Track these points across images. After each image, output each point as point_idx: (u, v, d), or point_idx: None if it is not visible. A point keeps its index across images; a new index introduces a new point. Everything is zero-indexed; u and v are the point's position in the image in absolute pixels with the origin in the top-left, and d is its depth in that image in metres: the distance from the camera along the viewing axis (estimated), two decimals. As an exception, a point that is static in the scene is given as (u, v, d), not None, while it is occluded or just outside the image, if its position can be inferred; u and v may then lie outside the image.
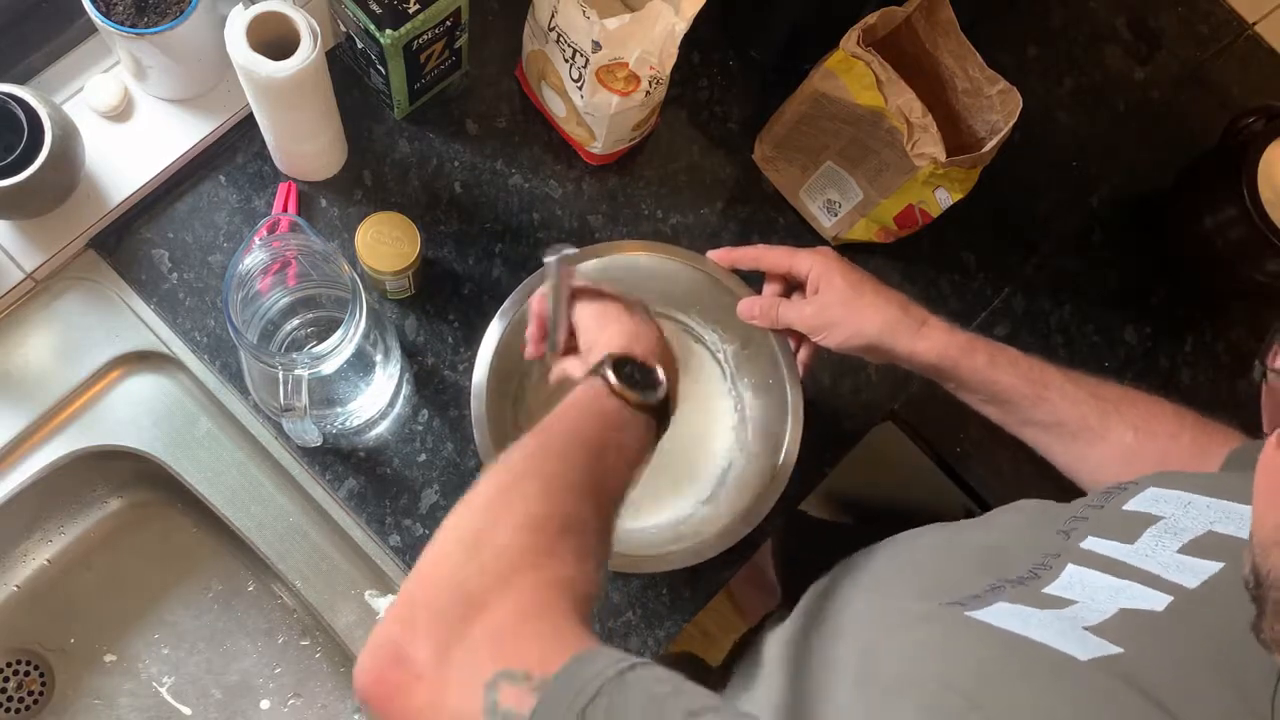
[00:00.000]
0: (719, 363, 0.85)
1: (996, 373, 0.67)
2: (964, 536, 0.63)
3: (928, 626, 0.51)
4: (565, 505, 0.48)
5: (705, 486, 0.83)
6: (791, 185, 0.93)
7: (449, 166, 0.90)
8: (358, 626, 0.83)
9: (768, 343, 0.77)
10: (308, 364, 0.66)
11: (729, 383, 0.84)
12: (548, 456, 0.51)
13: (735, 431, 0.84)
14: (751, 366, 0.81)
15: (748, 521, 0.74)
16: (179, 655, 0.92)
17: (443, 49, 0.83)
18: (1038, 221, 1.00)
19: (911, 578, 0.61)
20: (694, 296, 0.81)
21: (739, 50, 0.97)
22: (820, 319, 0.70)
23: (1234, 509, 0.49)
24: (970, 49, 0.81)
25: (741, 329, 0.79)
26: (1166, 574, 0.47)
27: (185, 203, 0.85)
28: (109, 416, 0.83)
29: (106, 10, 0.73)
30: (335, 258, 0.68)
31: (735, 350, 0.82)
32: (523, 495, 0.48)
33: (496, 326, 0.75)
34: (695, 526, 0.78)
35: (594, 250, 0.77)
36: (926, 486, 0.99)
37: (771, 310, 0.74)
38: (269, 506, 0.83)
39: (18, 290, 0.81)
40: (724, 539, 0.73)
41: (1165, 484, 0.53)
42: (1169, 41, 1.08)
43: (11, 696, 0.89)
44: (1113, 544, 0.50)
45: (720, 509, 0.78)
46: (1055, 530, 0.54)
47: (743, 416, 0.83)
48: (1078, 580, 0.49)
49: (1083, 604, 0.47)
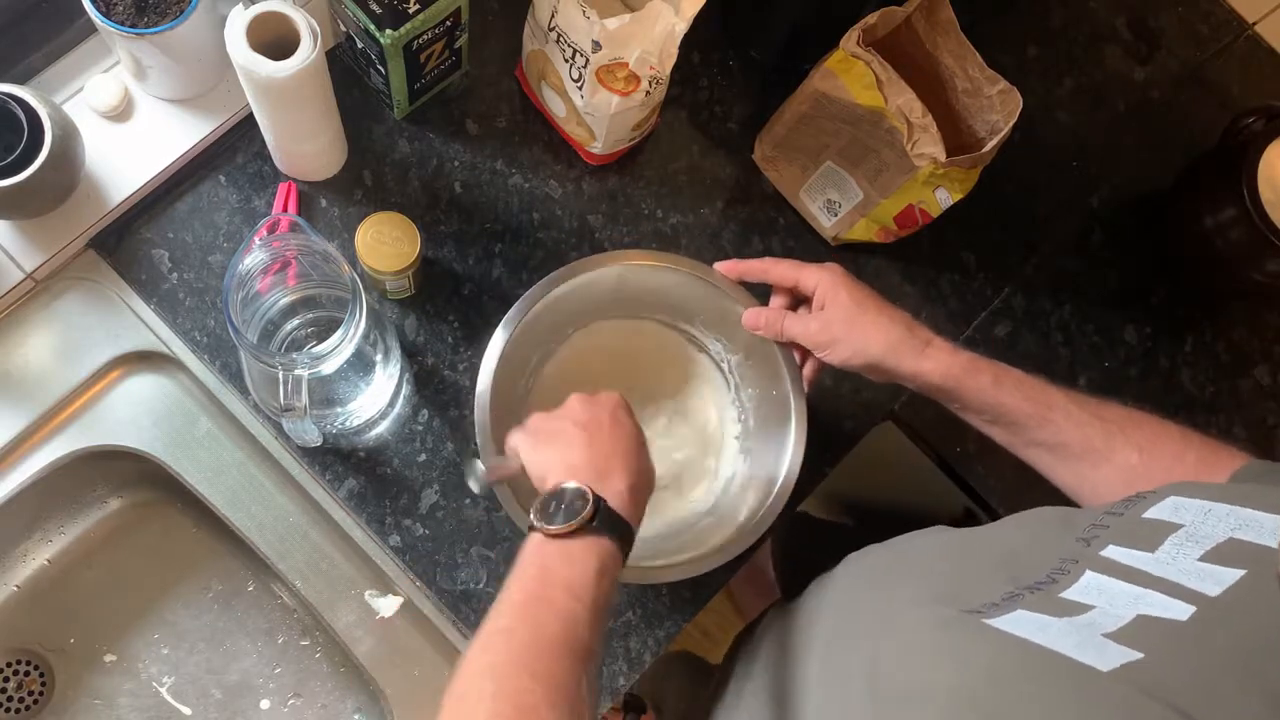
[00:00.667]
0: (723, 373, 0.84)
1: (1001, 393, 0.67)
2: (978, 539, 0.62)
3: (944, 634, 0.50)
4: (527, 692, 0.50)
5: (708, 497, 0.83)
6: (791, 185, 0.93)
7: (449, 166, 0.90)
8: (358, 626, 0.83)
9: (772, 354, 0.77)
10: (308, 364, 0.66)
11: (733, 393, 0.84)
12: (503, 648, 0.53)
13: (739, 441, 0.83)
14: (755, 377, 0.81)
15: (751, 533, 0.73)
16: (179, 655, 0.92)
17: (443, 49, 0.83)
18: (1038, 221, 1.00)
19: (922, 580, 0.60)
20: (698, 306, 0.81)
21: (739, 50, 0.97)
22: (824, 335, 0.70)
23: (1255, 516, 0.48)
24: (970, 49, 0.81)
25: (745, 339, 0.79)
26: (1188, 582, 0.46)
27: (185, 203, 0.85)
28: (109, 416, 0.83)
29: (106, 10, 0.73)
30: (335, 258, 0.68)
31: (739, 361, 0.82)
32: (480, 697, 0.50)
33: (500, 336, 0.75)
34: (697, 536, 0.78)
35: (599, 260, 0.77)
36: (926, 486, 0.99)
37: (776, 323, 0.74)
38: (269, 506, 0.83)
39: (18, 290, 0.81)
40: (724, 552, 0.73)
41: (1185, 493, 0.52)
42: (1169, 41, 1.08)
43: (11, 696, 0.89)
44: (1134, 552, 0.50)
45: (722, 520, 0.78)
46: (1075, 538, 0.54)
47: (746, 427, 0.83)
48: (1095, 586, 0.49)
49: (1100, 609, 0.47)
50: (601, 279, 0.77)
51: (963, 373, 0.67)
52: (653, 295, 0.81)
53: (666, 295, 0.81)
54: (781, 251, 0.93)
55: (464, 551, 0.82)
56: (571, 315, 0.82)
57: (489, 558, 0.83)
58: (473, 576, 0.82)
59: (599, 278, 0.77)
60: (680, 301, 0.81)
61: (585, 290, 0.78)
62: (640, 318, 0.85)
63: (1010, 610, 0.49)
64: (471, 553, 0.82)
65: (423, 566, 0.82)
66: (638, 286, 0.80)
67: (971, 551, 0.61)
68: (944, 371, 0.68)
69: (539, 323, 0.77)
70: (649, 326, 0.85)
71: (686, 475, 0.84)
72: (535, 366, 0.83)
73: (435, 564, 0.82)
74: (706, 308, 0.81)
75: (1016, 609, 0.49)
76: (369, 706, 0.91)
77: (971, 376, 0.67)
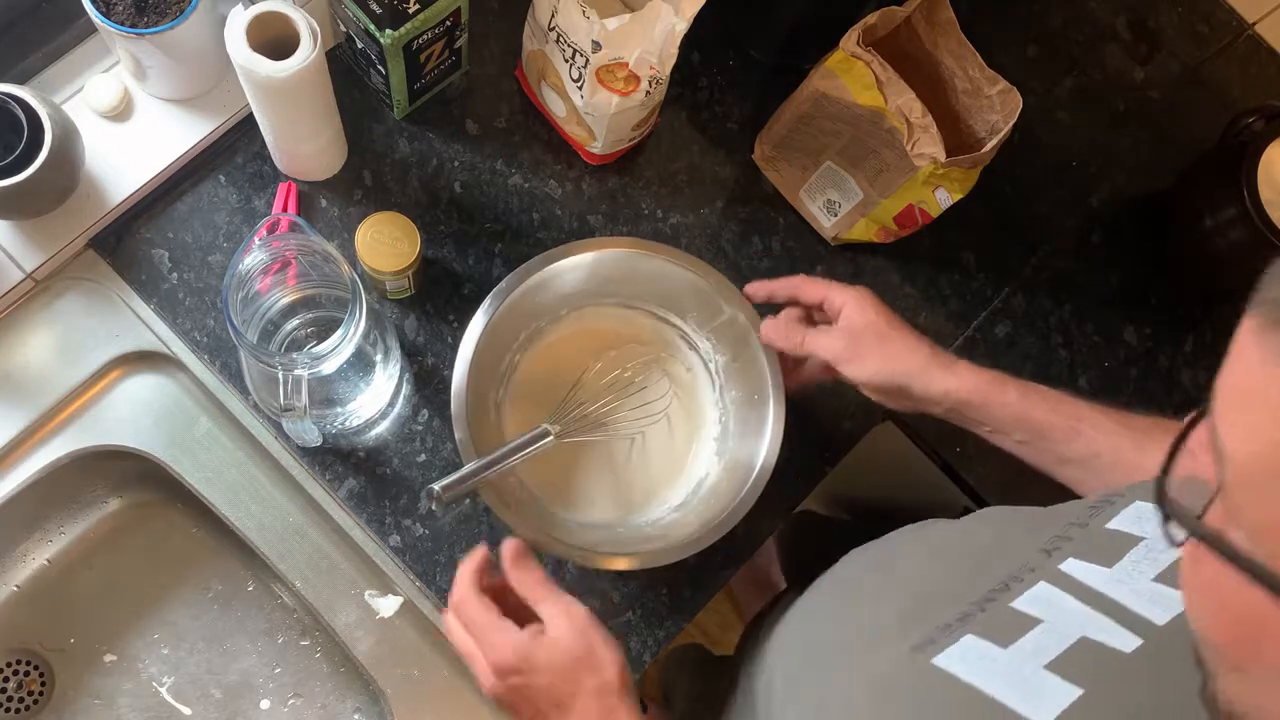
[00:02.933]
0: (710, 373, 0.85)
1: (1028, 406, 0.67)
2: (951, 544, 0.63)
3: (888, 689, 0.51)
4: None
5: (680, 493, 0.83)
6: (791, 185, 0.93)
7: (449, 166, 0.90)
8: (358, 626, 0.83)
9: (758, 359, 0.77)
10: (308, 364, 0.66)
11: (717, 394, 0.84)
12: None
13: (717, 443, 0.84)
14: (740, 380, 0.81)
15: (715, 531, 0.74)
16: (179, 655, 0.92)
17: (443, 49, 0.83)
18: (1038, 221, 1.00)
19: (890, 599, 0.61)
20: (690, 302, 0.82)
21: (739, 50, 0.97)
22: (851, 349, 0.70)
23: None
24: (970, 49, 0.81)
25: (733, 342, 0.79)
26: (1139, 606, 0.46)
27: (185, 203, 0.85)
28: (109, 416, 0.83)
29: (106, 10, 0.73)
30: (335, 258, 0.68)
31: (726, 362, 0.82)
32: None
33: (479, 320, 0.76)
34: (663, 530, 0.79)
35: (586, 245, 0.78)
36: (926, 486, 0.99)
37: (797, 335, 0.73)
38: (269, 506, 0.83)
39: (18, 290, 0.81)
40: (689, 546, 0.73)
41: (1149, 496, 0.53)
42: (1169, 41, 1.08)
43: (11, 696, 0.89)
44: (1092, 567, 0.50)
45: (690, 516, 0.79)
46: (1038, 547, 0.54)
47: (726, 429, 0.83)
48: (1045, 598, 0.49)
49: (1048, 624, 0.47)
50: (597, 261, 0.78)
51: (989, 388, 0.67)
52: (648, 286, 0.82)
53: (660, 287, 0.81)
54: (781, 251, 0.93)
55: (464, 551, 0.82)
56: (564, 296, 0.82)
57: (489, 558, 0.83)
58: (473, 576, 0.82)
59: (591, 261, 0.78)
60: (673, 294, 0.82)
61: (578, 272, 0.79)
62: (634, 307, 0.85)
63: (961, 634, 0.50)
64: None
65: (423, 566, 0.82)
66: (633, 274, 0.80)
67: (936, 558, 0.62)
68: (972, 387, 0.68)
69: (529, 299, 0.78)
70: (642, 318, 0.86)
71: (663, 470, 0.84)
72: (524, 342, 0.83)
73: (435, 564, 0.82)
74: (698, 305, 0.81)
75: (966, 633, 0.50)
76: (369, 706, 0.91)
77: (999, 391, 0.67)
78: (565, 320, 0.84)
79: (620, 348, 0.85)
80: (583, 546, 0.73)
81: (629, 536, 0.80)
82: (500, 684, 0.59)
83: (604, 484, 0.83)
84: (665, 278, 0.80)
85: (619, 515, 0.82)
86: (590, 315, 0.84)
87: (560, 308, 0.83)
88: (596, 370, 0.83)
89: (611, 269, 0.79)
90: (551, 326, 0.84)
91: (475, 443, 0.73)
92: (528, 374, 0.84)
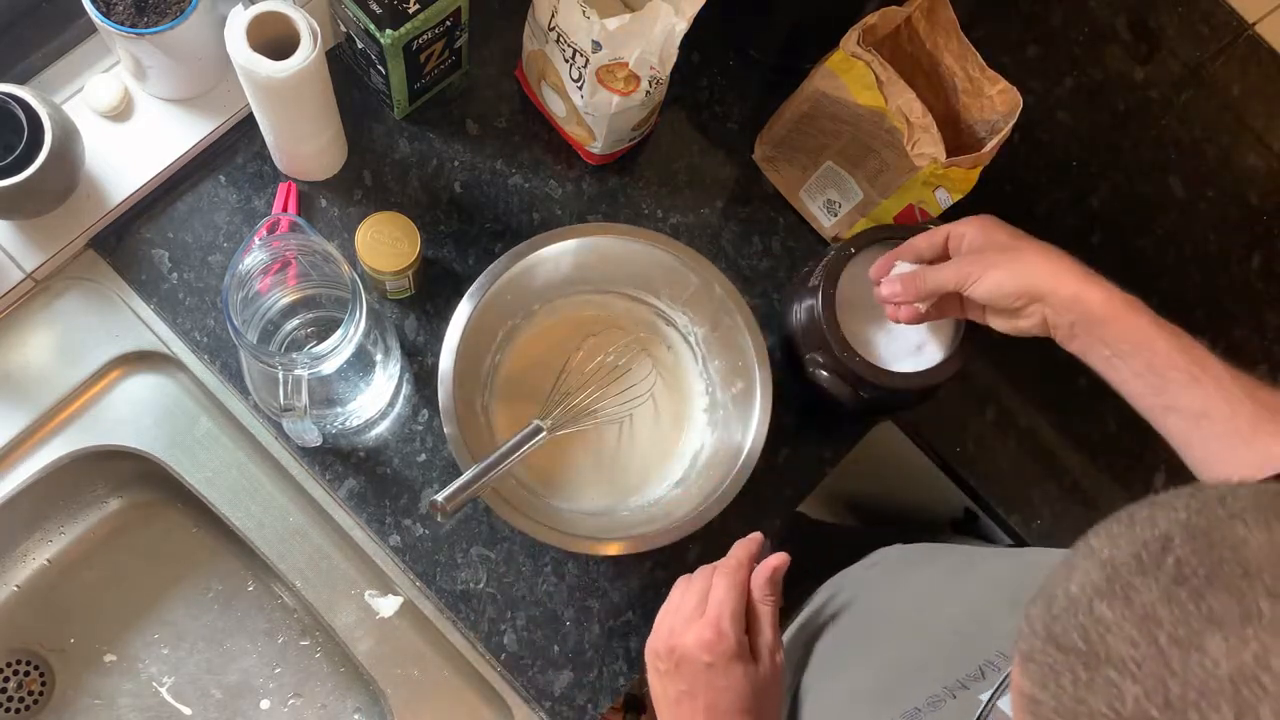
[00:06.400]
0: (690, 346, 0.85)
1: (1159, 335, 0.62)
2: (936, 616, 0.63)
3: None
4: None
5: (677, 469, 0.84)
6: (791, 185, 0.93)
7: (449, 166, 0.90)
8: (358, 626, 0.83)
9: (737, 325, 0.78)
10: (308, 364, 0.66)
11: (700, 365, 0.85)
12: None
13: (708, 414, 0.84)
14: (722, 349, 0.82)
15: (717, 503, 0.75)
16: (179, 655, 0.92)
17: (443, 49, 0.83)
18: (1038, 221, 1.00)
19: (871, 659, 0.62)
20: (662, 279, 0.82)
21: (739, 50, 0.97)
22: (977, 264, 0.67)
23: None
24: (970, 49, 0.81)
25: (710, 312, 0.80)
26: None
27: (185, 203, 0.85)
28: (109, 416, 0.83)
29: (106, 10, 0.73)
30: (335, 258, 0.68)
31: (705, 333, 0.83)
32: None
33: (465, 306, 0.76)
34: (666, 508, 0.80)
35: (557, 234, 0.78)
36: (926, 486, 0.99)
37: (917, 278, 0.70)
38: (269, 506, 0.83)
39: (18, 290, 0.81)
40: (693, 521, 0.74)
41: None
42: (1169, 41, 1.08)
43: (11, 696, 0.89)
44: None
45: (690, 491, 0.80)
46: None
47: (714, 399, 0.84)
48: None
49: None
50: (562, 252, 0.79)
51: (1124, 305, 0.63)
52: (618, 269, 0.82)
53: (629, 269, 0.82)
54: (781, 251, 0.93)
55: (464, 551, 0.83)
56: (536, 291, 0.83)
57: (489, 558, 0.83)
58: (473, 576, 0.82)
59: (562, 251, 0.78)
60: (644, 274, 0.82)
61: (548, 264, 0.79)
62: (607, 292, 0.85)
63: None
64: (471, 553, 0.83)
65: (423, 566, 0.82)
66: (602, 259, 0.81)
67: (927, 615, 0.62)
68: (1103, 298, 0.63)
69: (501, 298, 0.79)
70: (617, 301, 0.86)
71: (657, 449, 0.85)
72: (502, 342, 0.84)
73: (435, 564, 0.82)
74: (670, 280, 0.82)
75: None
76: (369, 706, 0.91)
77: (1130, 311, 0.63)
78: (539, 314, 0.85)
79: (599, 334, 0.85)
80: (585, 535, 0.74)
81: (632, 520, 0.81)
82: (671, 659, 0.61)
83: (599, 471, 0.84)
84: (632, 259, 0.80)
85: (618, 499, 0.83)
86: (564, 306, 0.85)
87: (533, 302, 0.84)
88: (578, 360, 0.83)
89: (578, 257, 0.80)
90: (526, 323, 0.85)
91: (470, 449, 0.74)
92: (510, 373, 0.84)
